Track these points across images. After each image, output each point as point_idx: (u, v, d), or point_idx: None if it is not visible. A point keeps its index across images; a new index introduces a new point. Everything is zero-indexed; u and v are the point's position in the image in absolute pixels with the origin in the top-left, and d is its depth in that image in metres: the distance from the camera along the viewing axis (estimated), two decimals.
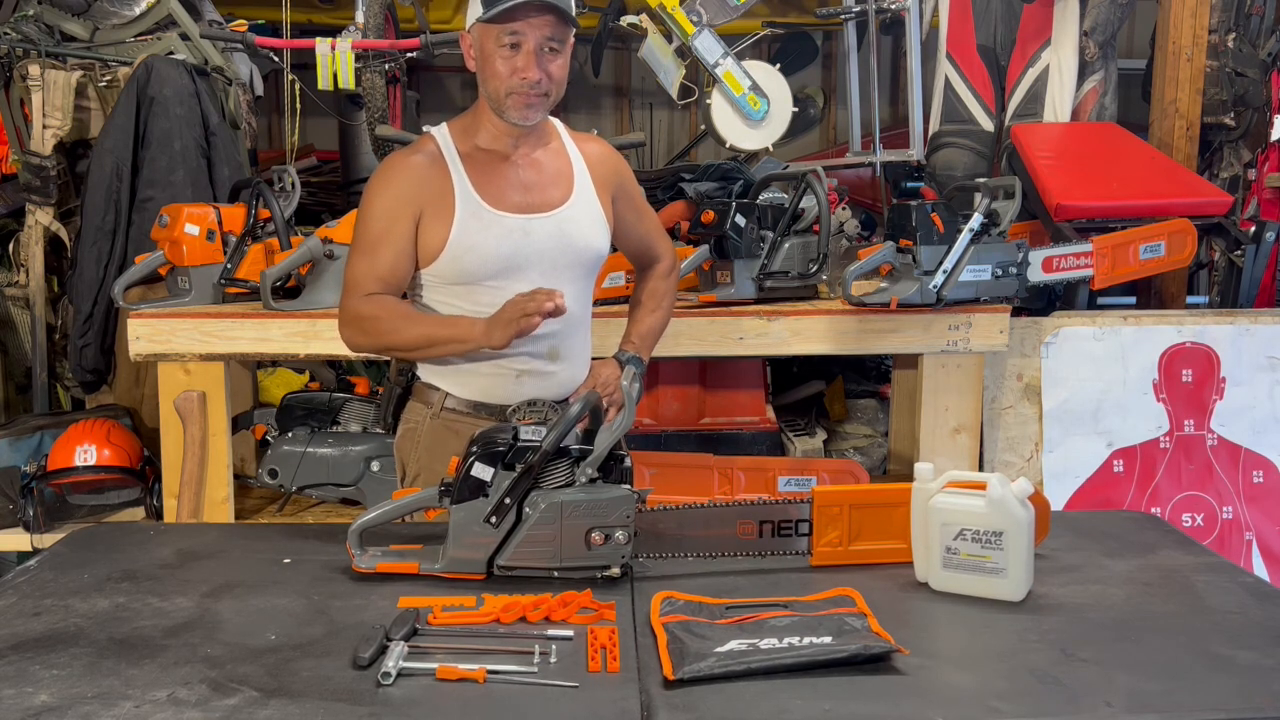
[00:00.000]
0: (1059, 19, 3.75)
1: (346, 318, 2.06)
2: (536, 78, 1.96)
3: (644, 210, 2.31)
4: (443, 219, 2.02)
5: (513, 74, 1.96)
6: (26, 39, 3.63)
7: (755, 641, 1.42)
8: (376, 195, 2.05)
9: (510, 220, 2.05)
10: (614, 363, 2.25)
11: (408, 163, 2.06)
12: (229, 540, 1.97)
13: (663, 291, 2.34)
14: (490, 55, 1.97)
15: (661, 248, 2.35)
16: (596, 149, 2.20)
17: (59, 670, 1.39)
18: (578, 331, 2.16)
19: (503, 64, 1.96)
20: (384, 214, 2.03)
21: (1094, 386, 3.27)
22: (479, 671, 1.35)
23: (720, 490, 3.16)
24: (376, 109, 3.91)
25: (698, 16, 3.67)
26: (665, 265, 2.35)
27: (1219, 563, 1.81)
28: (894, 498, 1.74)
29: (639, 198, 2.28)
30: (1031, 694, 1.34)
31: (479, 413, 2.12)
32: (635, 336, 2.29)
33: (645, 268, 2.36)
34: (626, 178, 2.23)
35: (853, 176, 4.71)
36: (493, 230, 2.03)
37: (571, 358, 2.15)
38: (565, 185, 2.12)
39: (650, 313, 2.32)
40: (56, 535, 2.81)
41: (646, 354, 2.29)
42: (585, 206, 2.12)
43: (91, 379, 3.57)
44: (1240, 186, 3.96)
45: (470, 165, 2.06)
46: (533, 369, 2.10)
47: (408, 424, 2.20)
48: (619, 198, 2.20)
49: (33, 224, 3.67)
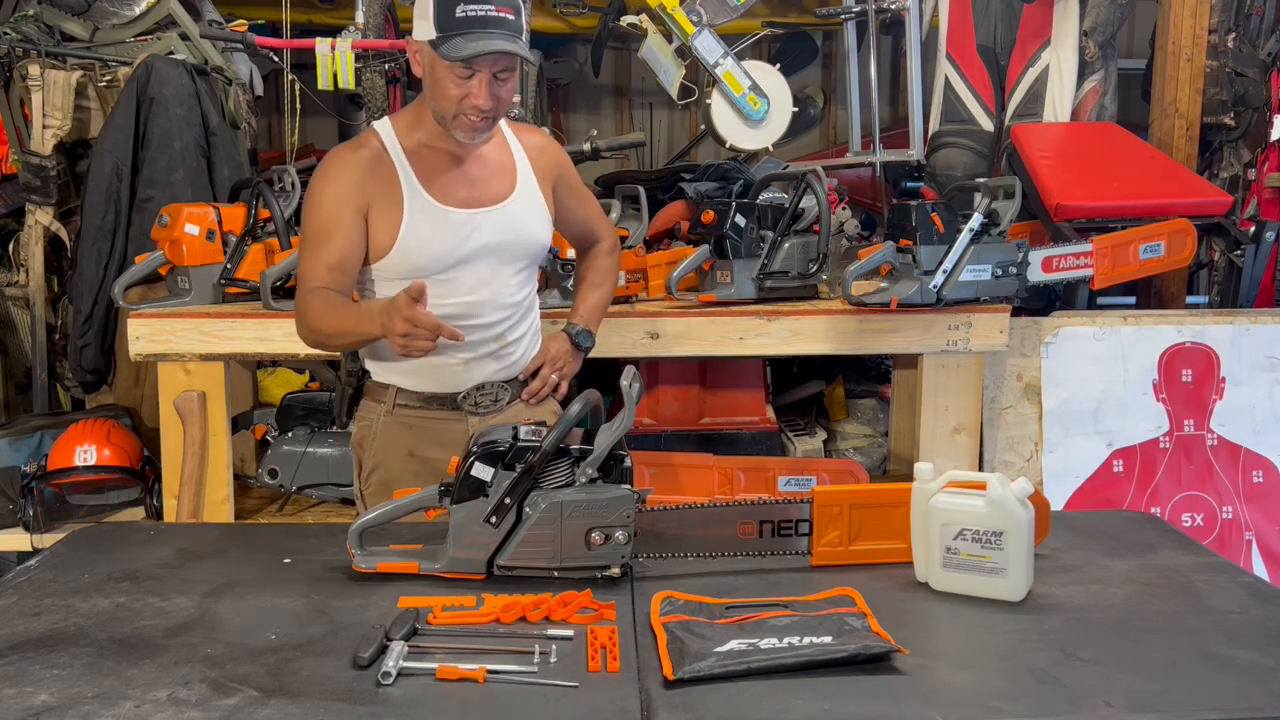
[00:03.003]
0: (1059, 19, 3.75)
1: (295, 312, 2.08)
2: (488, 106, 1.98)
3: (584, 195, 2.38)
4: (391, 215, 2.05)
5: (464, 98, 1.97)
6: (26, 39, 3.63)
7: (755, 641, 1.42)
8: (321, 190, 2.06)
9: (457, 215, 2.08)
10: (564, 336, 2.33)
11: (352, 157, 2.07)
12: (229, 540, 1.97)
13: (607, 269, 2.43)
14: (441, 78, 1.98)
15: (602, 229, 2.44)
16: (536, 140, 2.25)
17: (59, 670, 1.39)
18: (525, 316, 2.23)
19: (455, 88, 1.97)
20: (330, 206, 2.04)
21: (1094, 386, 3.27)
22: (479, 671, 1.35)
23: (720, 490, 3.16)
24: (376, 109, 3.91)
25: (698, 16, 3.67)
26: (607, 244, 2.44)
27: (1219, 563, 1.81)
28: (894, 498, 1.74)
29: (578, 184, 2.36)
30: (1031, 694, 1.34)
31: (430, 404, 2.17)
32: (583, 310, 2.38)
33: (587, 248, 2.44)
34: (565, 165, 2.30)
35: (853, 176, 4.71)
36: (441, 226, 2.06)
37: (518, 340, 2.22)
38: (509, 178, 2.16)
39: (596, 288, 2.41)
40: (56, 535, 2.81)
41: (595, 327, 2.39)
42: (529, 199, 2.17)
43: (91, 379, 3.57)
44: (1240, 186, 3.96)
45: (415, 161, 2.08)
46: (479, 355, 2.16)
47: (362, 421, 2.24)
48: (559, 185, 2.26)
49: (33, 224, 3.67)
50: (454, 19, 1.91)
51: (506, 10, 1.94)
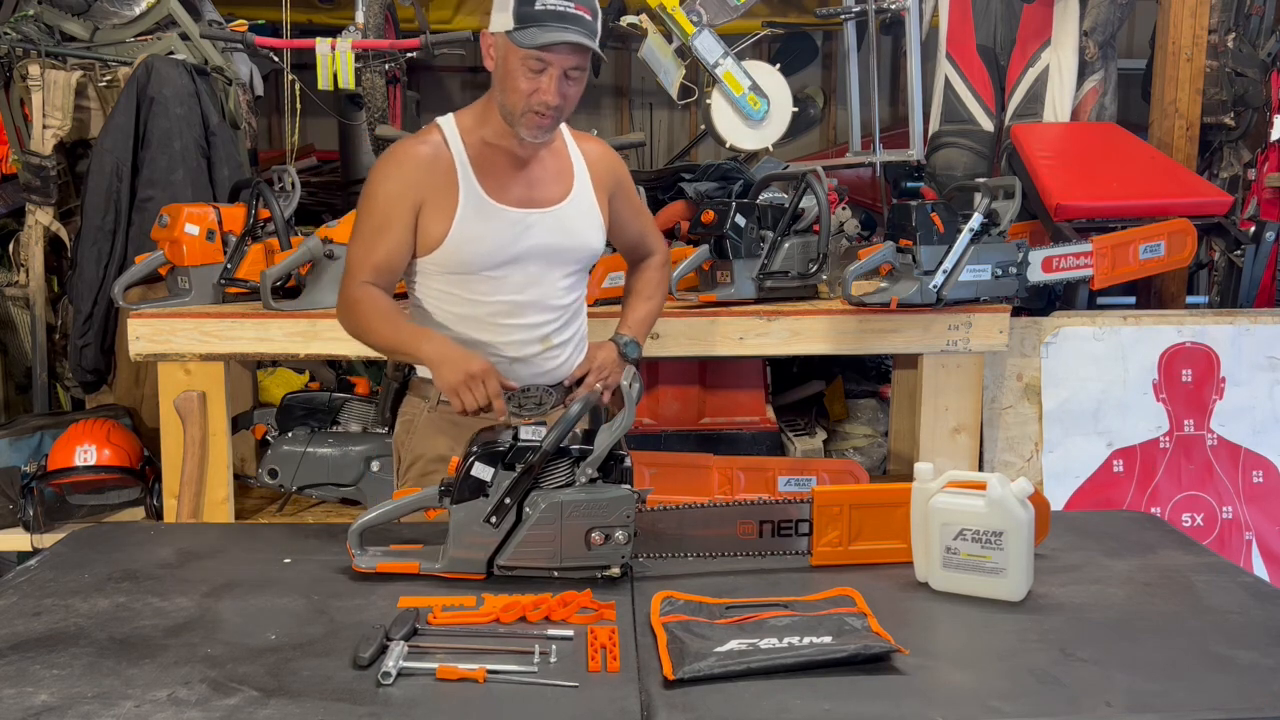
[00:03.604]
0: (1059, 19, 3.75)
1: (341, 300, 2.11)
2: (556, 103, 2.00)
3: (639, 208, 2.39)
4: (445, 209, 2.06)
5: (533, 93, 1.99)
6: (26, 39, 3.63)
7: (755, 641, 1.42)
8: (379, 183, 2.08)
9: (511, 214, 2.09)
10: (611, 345, 2.32)
11: (413, 152, 2.09)
12: (229, 540, 1.97)
13: (657, 281, 2.42)
14: (513, 71, 1.99)
15: (655, 243, 2.43)
16: (596, 149, 2.25)
17: (59, 670, 1.39)
18: (572, 320, 2.23)
19: (525, 82, 1.99)
20: (386, 202, 2.06)
21: (1094, 386, 3.27)
22: (479, 671, 1.35)
23: (720, 490, 3.16)
24: (376, 109, 3.91)
25: (698, 16, 3.67)
26: (659, 258, 2.43)
27: (1219, 563, 1.81)
28: (894, 498, 1.74)
29: (634, 196, 2.36)
30: (1031, 694, 1.34)
31: None
32: (632, 321, 2.36)
33: (639, 260, 2.43)
34: (624, 177, 2.30)
35: (853, 176, 4.71)
36: (494, 223, 2.07)
37: (565, 344, 2.21)
38: (566, 183, 2.17)
39: (646, 300, 2.39)
40: (56, 535, 2.81)
41: (643, 339, 2.37)
42: (584, 204, 2.18)
43: (91, 379, 3.57)
44: (1240, 186, 3.96)
45: (475, 158, 2.09)
46: (526, 355, 2.16)
47: (405, 417, 2.25)
48: (616, 196, 2.26)
49: (33, 224, 3.67)
50: (533, 10, 1.93)
51: (585, 10, 1.96)
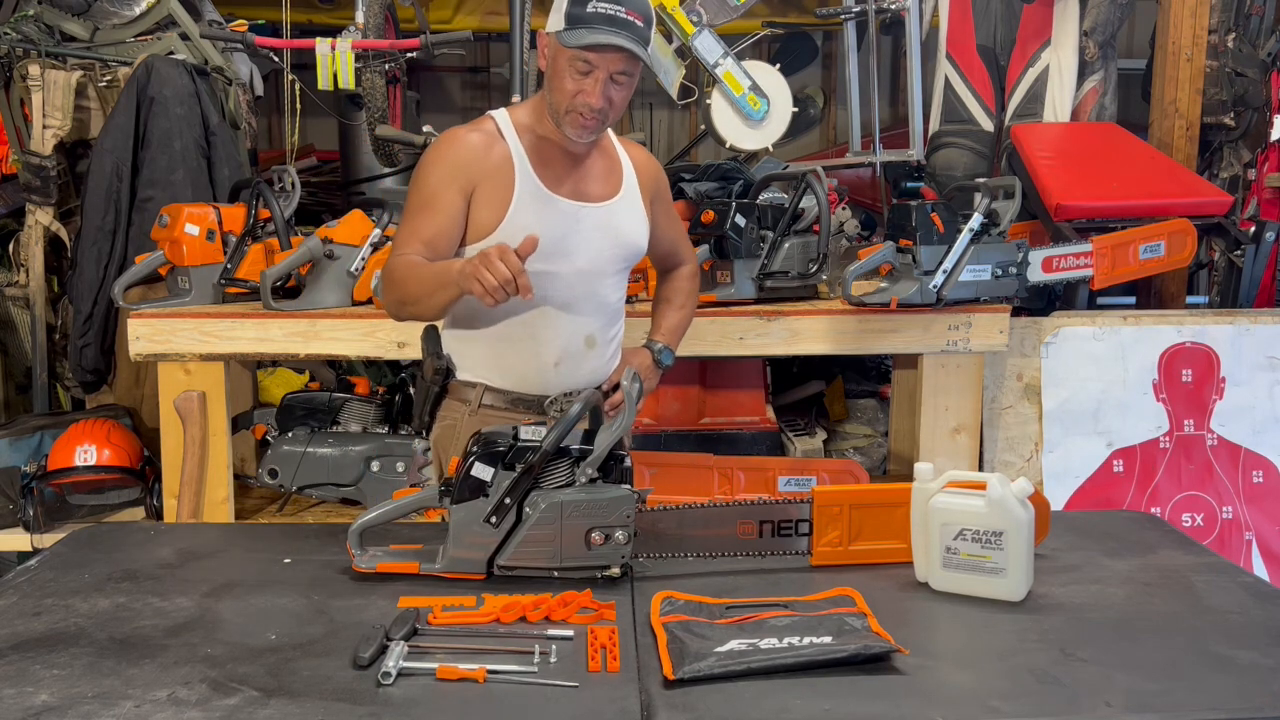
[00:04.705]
0: (1059, 19, 3.75)
1: (383, 278, 2.11)
2: (599, 105, 2.01)
3: (674, 217, 2.41)
4: (499, 196, 2.06)
5: (578, 94, 2.00)
6: (26, 39, 3.63)
7: (755, 641, 1.42)
8: (432, 166, 2.09)
9: (565, 204, 2.10)
10: (645, 351, 2.34)
11: (466, 138, 2.10)
12: (229, 540, 1.97)
13: (688, 291, 2.45)
14: (561, 71, 2.01)
15: (685, 252, 2.46)
16: (641, 155, 2.29)
17: (59, 670, 1.39)
18: (614, 321, 2.24)
19: (571, 83, 2.00)
20: (438, 183, 2.07)
21: (1094, 386, 3.27)
22: (479, 671, 1.35)
23: (720, 490, 3.16)
24: (376, 109, 3.91)
25: (698, 16, 3.67)
26: (690, 268, 2.46)
27: (1219, 563, 1.81)
28: (894, 498, 1.74)
29: (670, 205, 2.40)
30: (1031, 694, 1.34)
31: (516, 406, 2.16)
32: (665, 328, 2.40)
33: (670, 269, 2.45)
34: (663, 185, 2.34)
35: (853, 176, 4.71)
36: (548, 213, 2.08)
37: (606, 344, 2.22)
38: (615, 182, 2.20)
39: (679, 309, 2.43)
40: (56, 535, 2.81)
41: (675, 346, 2.40)
42: (631, 204, 2.21)
43: (91, 379, 3.57)
44: (1240, 186, 3.96)
45: (530, 147, 2.10)
46: (569, 355, 2.15)
47: (445, 421, 2.24)
48: (656, 202, 2.29)
49: (33, 224, 3.67)
50: (585, 12, 1.95)
51: (637, 16, 1.97)
